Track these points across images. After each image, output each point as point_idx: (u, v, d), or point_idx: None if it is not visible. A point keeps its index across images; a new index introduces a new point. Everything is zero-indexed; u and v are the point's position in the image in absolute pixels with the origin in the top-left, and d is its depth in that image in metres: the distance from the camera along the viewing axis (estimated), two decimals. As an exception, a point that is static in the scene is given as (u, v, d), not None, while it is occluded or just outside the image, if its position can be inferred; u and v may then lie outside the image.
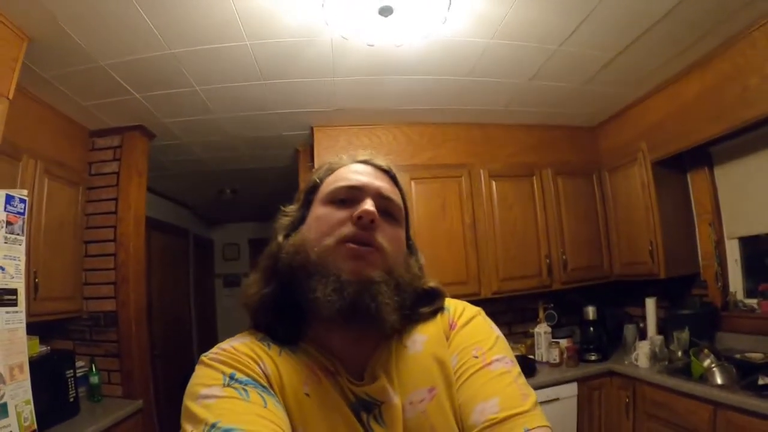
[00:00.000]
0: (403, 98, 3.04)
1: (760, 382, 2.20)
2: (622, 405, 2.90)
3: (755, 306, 2.80)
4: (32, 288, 2.42)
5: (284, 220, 0.80)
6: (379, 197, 0.74)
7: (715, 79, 2.64)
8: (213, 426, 0.54)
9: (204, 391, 0.60)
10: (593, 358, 3.15)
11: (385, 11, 1.91)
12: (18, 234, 1.87)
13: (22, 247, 1.90)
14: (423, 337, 0.78)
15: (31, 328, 2.08)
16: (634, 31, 2.39)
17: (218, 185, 5.16)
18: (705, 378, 2.44)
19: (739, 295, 2.98)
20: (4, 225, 1.80)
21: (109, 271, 2.99)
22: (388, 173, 0.81)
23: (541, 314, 3.43)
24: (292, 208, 0.81)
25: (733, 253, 3.03)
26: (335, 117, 3.25)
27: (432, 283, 0.81)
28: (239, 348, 0.68)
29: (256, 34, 2.20)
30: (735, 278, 3.02)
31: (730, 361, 2.48)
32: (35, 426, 1.84)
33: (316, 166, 3.27)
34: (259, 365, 0.65)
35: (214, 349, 0.68)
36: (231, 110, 3.05)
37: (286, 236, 0.77)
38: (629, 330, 3.30)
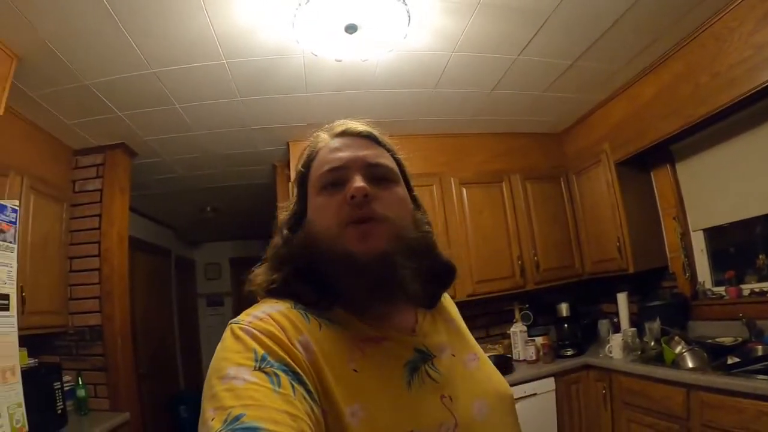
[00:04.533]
0: (374, 111, 3.31)
1: (729, 361, 2.46)
2: (599, 396, 3.15)
3: (723, 293, 3.08)
4: (19, 302, 2.60)
5: (285, 215, 0.84)
6: (366, 167, 0.77)
7: (669, 79, 2.98)
8: (237, 419, 0.51)
9: (232, 370, 0.58)
10: (569, 353, 3.43)
11: (350, 29, 2.22)
12: (10, 242, 2.09)
13: (14, 255, 2.11)
14: (452, 309, 0.93)
15: (19, 342, 2.27)
16: (588, 39, 2.71)
17: (199, 204, 5.44)
18: (677, 363, 2.68)
19: (708, 284, 3.26)
20: (-2, 233, 2.01)
21: (93, 285, 3.25)
22: (368, 137, 0.83)
23: (517, 315, 3.71)
24: (289, 203, 0.85)
25: (698, 244, 3.33)
26: (310, 131, 3.50)
27: (445, 257, 0.85)
28: (277, 318, 0.66)
29: (233, 53, 2.50)
30: (702, 268, 3.31)
31: (701, 346, 2.72)
32: (26, 428, 2.00)
33: (292, 179, 3.55)
34: (299, 341, 0.64)
35: (248, 317, 0.67)
36: (209, 127, 3.35)
37: (291, 229, 0.80)
38: (603, 325, 3.61)
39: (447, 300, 0.93)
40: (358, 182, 0.73)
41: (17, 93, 2.53)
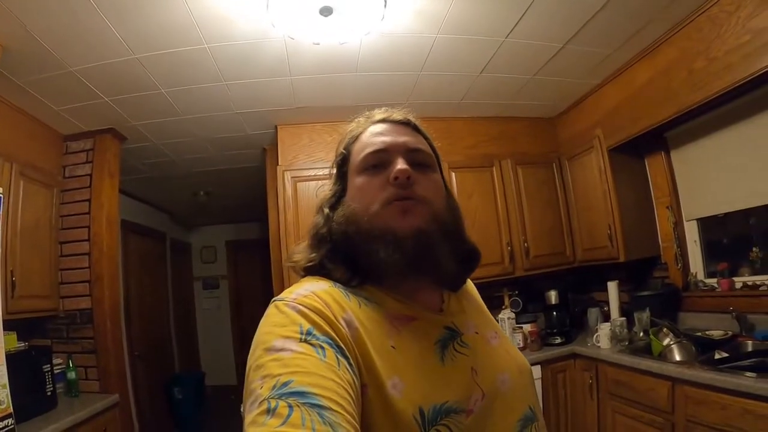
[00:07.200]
0: (360, 94, 3.33)
1: (717, 356, 2.44)
2: (586, 386, 3.16)
3: (715, 285, 3.05)
4: (9, 286, 2.68)
5: (326, 194, 0.88)
6: (407, 152, 0.82)
7: (663, 64, 2.93)
8: (285, 384, 0.54)
9: (278, 342, 0.61)
10: (557, 341, 3.44)
11: (325, 11, 2.23)
12: (-5, 228, 2.17)
13: (-1, 240, 2.19)
14: (473, 290, 1.00)
15: (9, 326, 2.31)
16: (577, 21, 2.68)
17: (192, 188, 5.52)
18: (664, 355, 2.68)
19: (700, 275, 3.24)
20: (-20, 220, 2.09)
21: (84, 269, 3.32)
22: (408, 124, 0.88)
23: (506, 301, 3.73)
24: (329, 183, 0.90)
25: (692, 234, 3.31)
26: (298, 115, 3.58)
27: (472, 243, 0.91)
28: (321, 295, 0.70)
29: (213, 38, 2.52)
30: (695, 259, 3.30)
31: (690, 339, 2.72)
32: (11, 410, 2.08)
33: (280, 163, 3.61)
34: (343, 318, 0.68)
35: (291, 294, 0.70)
36: (197, 111, 3.38)
37: (331, 208, 0.85)
38: (592, 313, 3.61)
39: (468, 282, 0.98)
40: (402, 164, 0.78)
41: (3, 80, 2.60)
